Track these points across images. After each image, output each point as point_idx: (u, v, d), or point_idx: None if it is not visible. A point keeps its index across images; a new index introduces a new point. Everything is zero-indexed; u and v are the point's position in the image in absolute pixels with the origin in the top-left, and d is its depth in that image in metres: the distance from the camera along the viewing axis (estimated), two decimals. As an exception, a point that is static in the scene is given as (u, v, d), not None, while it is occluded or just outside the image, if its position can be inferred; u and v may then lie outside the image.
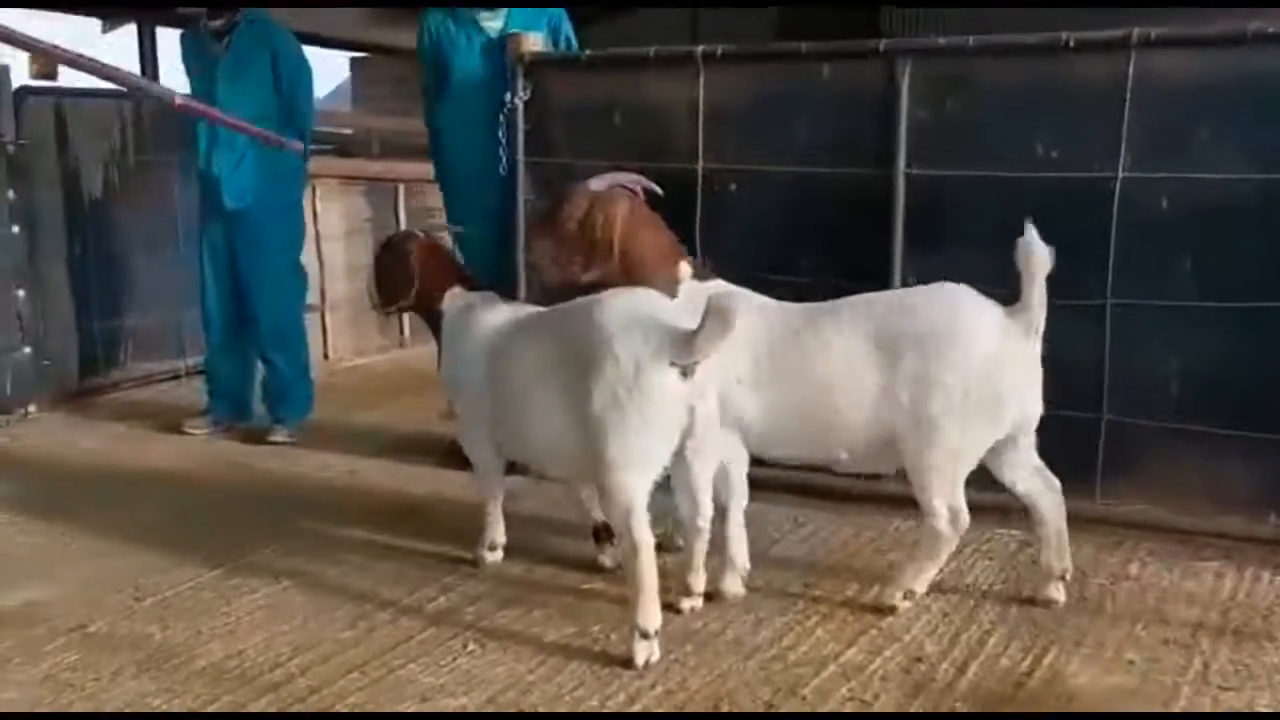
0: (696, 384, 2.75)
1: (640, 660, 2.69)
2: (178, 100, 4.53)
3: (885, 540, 3.63)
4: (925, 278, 3.68)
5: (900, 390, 2.92)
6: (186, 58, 5.01)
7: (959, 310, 2.96)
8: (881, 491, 3.92)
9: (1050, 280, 2.97)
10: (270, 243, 4.95)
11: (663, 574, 2.77)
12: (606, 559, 3.29)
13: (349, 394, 5.84)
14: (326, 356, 6.84)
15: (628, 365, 2.68)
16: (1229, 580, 3.28)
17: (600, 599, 3.10)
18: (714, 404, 2.85)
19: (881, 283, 3.76)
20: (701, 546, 2.98)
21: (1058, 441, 3.58)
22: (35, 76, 10.84)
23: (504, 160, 4.23)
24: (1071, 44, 3.48)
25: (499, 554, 3.39)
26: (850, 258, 3.85)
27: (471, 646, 2.81)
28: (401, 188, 7.78)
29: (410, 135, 7.84)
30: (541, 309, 3.32)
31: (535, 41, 4.20)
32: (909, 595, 3.03)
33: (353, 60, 11.45)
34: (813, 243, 3.93)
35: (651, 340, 2.69)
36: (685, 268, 3.22)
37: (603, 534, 3.28)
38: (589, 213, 3.20)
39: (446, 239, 3.75)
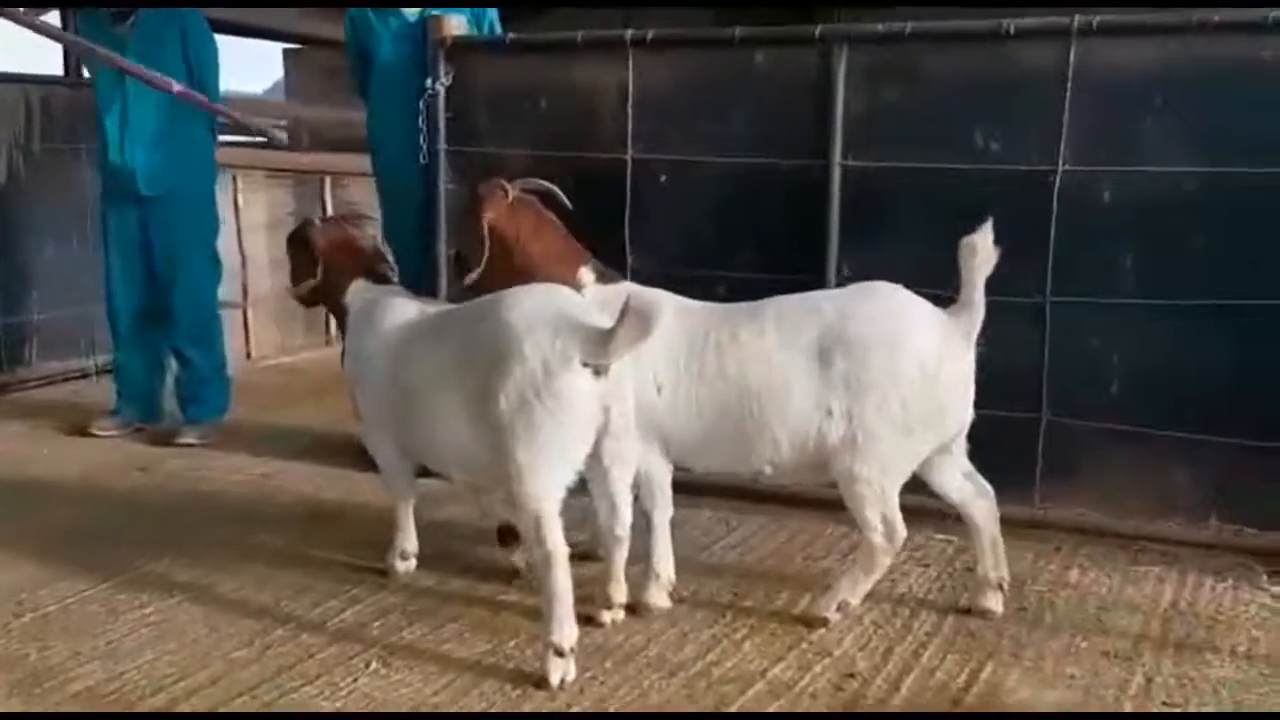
0: (611, 384, 2.59)
1: (555, 679, 2.51)
2: (176, 89, 4.31)
3: (819, 546, 3.49)
4: (861, 273, 3.57)
5: (831, 398, 2.76)
6: (87, 39, 4.75)
7: (895, 312, 2.81)
8: (817, 495, 3.76)
9: (988, 276, 2.85)
10: (186, 231, 4.72)
11: (581, 584, 2.60)
12: (517, 559, 3.13)
13: (269, 394, 5.60)
14: (249, 355, 6.58)
15: (535, 365, 2.52)
16: (1170, 587, 3.17)
17: (516, 611, 2.93)
18: (630, 406, 2.69)
19: (816, 278, 3.63)
20: (621, 556, 2.81)
21: (996, 443, 3.45)
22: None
23: (424, 149, 4.03)
24: (1012, 30, 3.36)
25: (411, 563, 3.20)
26: (784, 252, 3.72)
27: (375, 665, 2.62)
28: (328, 180, 7.54)
29: (341, 127, 7.63)
30: (450, 306, 3.17)
31: (458, 25, 4.01)
32: (842, 607, 2.89)
33: (285, 51, 11.15)
34: (746, 236, 3.79)
35: (561, 338, 2.54)
36: (586, 272, 3.05)
37: (509, 536, 3.12)
38: (468, 216, 3.12)
39: (361, 229, 3.53)
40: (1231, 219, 3.27)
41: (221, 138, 5.15)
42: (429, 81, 3.99)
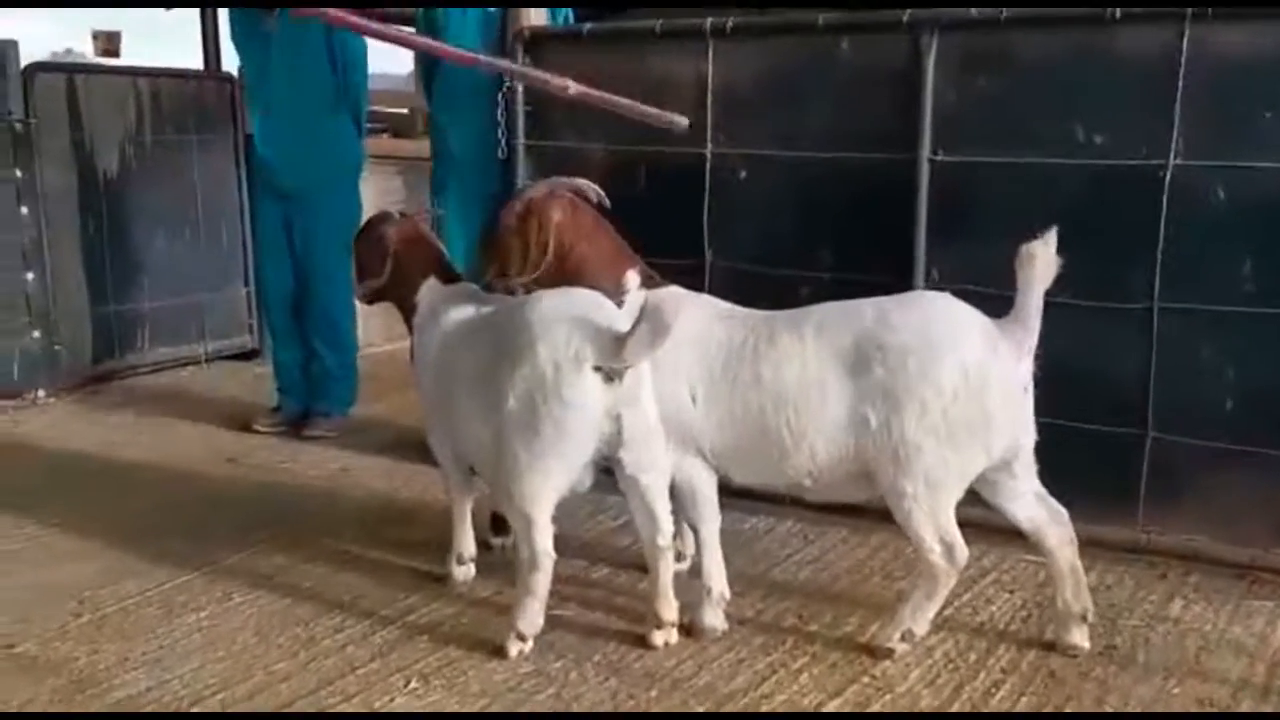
0: (625, 390, 2.52)
1: (513, 653, 2.65)
2: (572, 90, 3.83)
3: (900, 564, 3.30)
4: (951, 276, 3.39)
5: (867, 408, 2.60)
6: (236, 34, 4.81)
7: (936, 319, 2.63)
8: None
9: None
10: (326, 227, 4.69)
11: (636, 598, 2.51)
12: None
13: (367, 382, 5.61)
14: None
15: (545, 366, 2.50)
16: (1284, 625, 2.89)
17: (568, 629, 2.83)
18: (649, 411, 2.61)
19: (903, 280, 3.44)
20: (666, 569, 2.71)
21: (1095, 461, 3.25)
22: (99, 54, 10.87)
23: (502, 143, 3.95)
24: (1117, 15, 3.08)
25: (469, 569, 3.14)
26: (869, 253, 3.52)
27: (414, 684, 2.57)
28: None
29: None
30: (501, 302, 3.09)
31: (537, 15, 3.90)
32: (907, 637, 2.71)
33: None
34: (829, 235, 3.60)
35: (574, 341, 2.49)
36: (632, 276, 2.94)
37: (501, 523, 3.17)
38: (524, 219, 2.96)
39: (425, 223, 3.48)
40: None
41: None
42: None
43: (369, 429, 4.73)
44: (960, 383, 2.55)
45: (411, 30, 4.15)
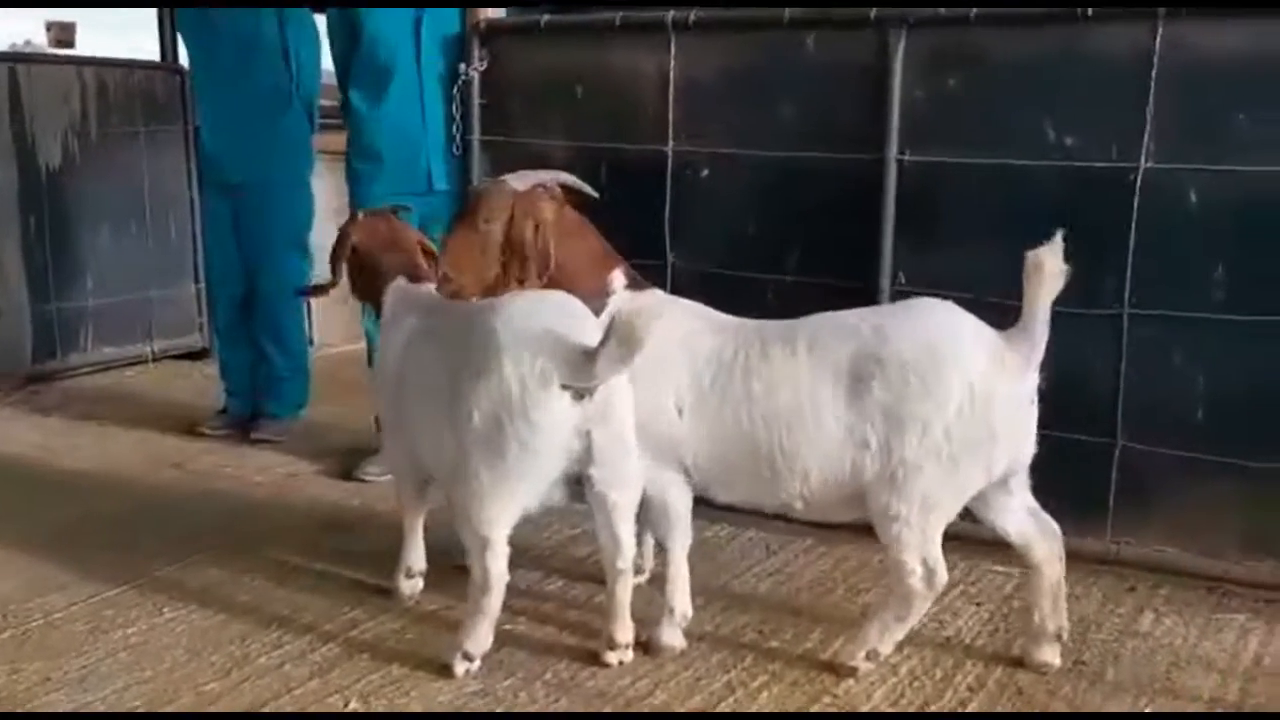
0: (595, 407, 2.38)
1: (459, 672, 2.53)
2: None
3: (864, 576, 3.20)
4: (918, 280, 3.31)
5: (866, 428, 2.46)
6: (183, 22, 4.67)
7: (938, 330, 2.48)
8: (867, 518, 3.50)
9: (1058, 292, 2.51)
10: (274, 223, 4.56)
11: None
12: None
13: (322, 384, 5.44)
14: (311, 342, 6.48)
15: (511, 384, 2.35)
16: (1255, 639, 2.82)
17: (518, 645, 2.70)
18: (623, 428, 2.47)
19: (869, 283, 3.35)
20: (624, 592, 2.58)
21: (1062, 470, 3.14)
22: (52, 45, 10.63)
23: (457, 139, 3.82)
24: (1089, 13, 3.00)
25: (417, 582, 3.01)
26: (835, 254, 3.43)
27: (354, 705, 2.43)
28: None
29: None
30: (462, 305, 2.95)
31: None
32: (871, 656, 2.60)
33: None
34: (794, 237, 3.50)
35: (541, 358, 2.34)
36: (618, 277, 2.78)
37: None
38: (514, 217, 2.76)
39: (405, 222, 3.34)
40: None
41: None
42: (463, 67, 3.79)
43: (320, 433, 4.58)
44: (964, 400, 2.41)
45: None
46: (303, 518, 3.64)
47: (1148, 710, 2.47)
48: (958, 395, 2.42)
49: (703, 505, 2.75)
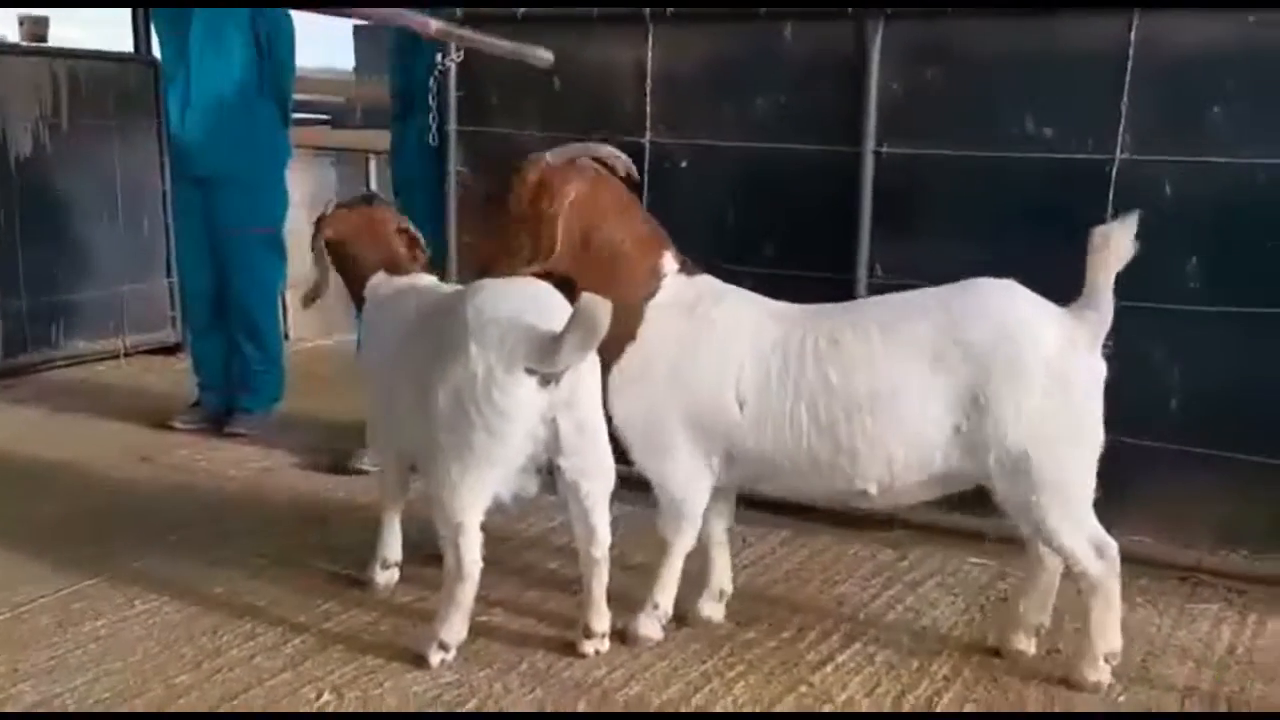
0: (562, 394, 2.37)
1: (435, 662, 2.52)
2: (433, 28, 3.53)
3: (840, 568, 3.20)
4: (895, 271, 3.30)
5: (954, 409, 2.40)
6: (158, 14, 4.61)
7: (1010, 313, 2.42)
8: (845, 509, 3.49)
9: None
10: (246, 215, 4.50)
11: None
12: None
13: (298, 379, 5.39)
14: (287, 336, 6.44)
15: (477, 368, 2.34)
16: (1229, 629, 2.84)
17: (493, 637, 2.69)
18: (591, 415, 2.46)
19: (846, 275, 3.34)
20: (600, 581, 2.57)
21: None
22: (25, 39, 10.53)
23: (434, 129, 3.80)
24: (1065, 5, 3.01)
25: (393, 574, 2.99)
26: (813, 246, 3.44)
27: (326, 697, 2.40)
28: (373, 159, 7.39)
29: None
30: (449, 293, 2.93)
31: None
32: (1110, 659, 2.49)
33: (356, 27, 11.04)
34: (771, 228, 3.51)
35: (507, 342, 2.33)
36: (669, 260, 2.66)
37: None
38: (538, 192, 2.63)
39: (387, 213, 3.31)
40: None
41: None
42: (439, 57, 3.76)
43: (296, 426, 4.54)
44: (1045, 379, 2.37)
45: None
46: (277, 511, 3.61)
47: (1121, 700, 2.47)
48: (1040, 375, 2.38)
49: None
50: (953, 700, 2.46)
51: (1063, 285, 2.49)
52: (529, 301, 2.43)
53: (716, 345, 2.53)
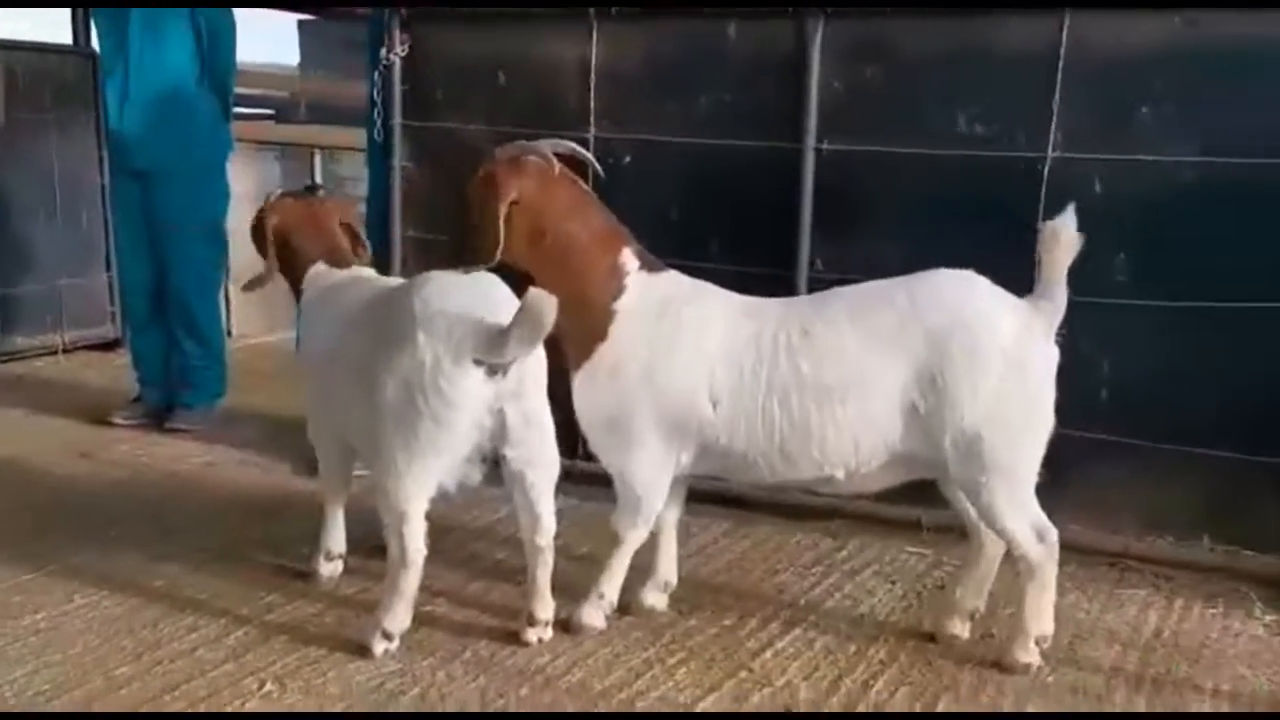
0: (509, 384, 2.40)
1: (378, 651, 2.53)
2: None
3: (781, 557, 3.26)
4: (833, 263, 3.36)
5: (915, 394, 2.48)
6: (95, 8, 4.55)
7: (969, 302, 2.51)
8: (786, 501, 3.56)
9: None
10: (185, 208, 4.45)
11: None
12: None
13: (240, 375, 5.35)
14: (230, 333, 6.38)
15: (425, 357, 2.36)
16: (1155, 613, 2.93)
17: (436, 626, 2.70)
18: (538, 406, 2.49)
19: (788, 270, 3.40)
20: (545, 569, 2.60)
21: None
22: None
23: (378, 123, 3.80)
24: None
25: (337, 565, 2.99)
26: (755, 242, 3.48)
27: (269, 687, 2.41)
28: (319, 154, 7.35)
29: (347, 99, 7.41)
30: (392, 285, 2.94)
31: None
32: (1040, 642, 2.58)
33: (301, 23, 10.96)
34: (714, 224, 3.55)
35: (455, 333, 2.36)
36: (630, 257, 2.69)
37: None
38: (484, 189, 2.64)
39: (326, 205, 3.31)
40: (1232, 214, 3.00)
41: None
42: (384, 51, 3.76)
43: (239, 422, 4.51)
44: (1002, 366, 2.45)
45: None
46: (219, 505, 3.59)
47: (1049, 680, 2.54)
48: (996, 362, 2.46)
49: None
50: (888, 682, 2.52)
51: (998, 279, 2.57)
52: (476, 294, 2.45)
53: (689, 346, 2.57)
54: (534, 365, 2.46)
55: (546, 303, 2.27)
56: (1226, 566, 3.12)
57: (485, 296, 2.46)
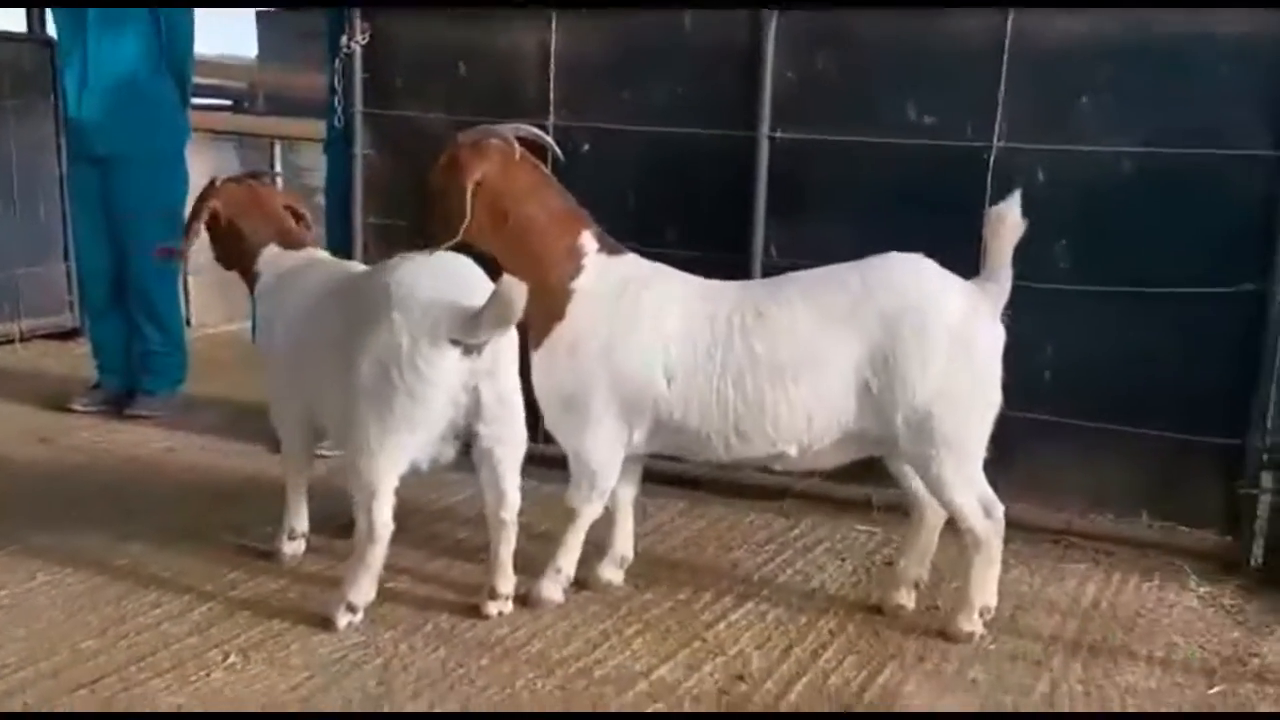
0: (483, 363, 2.47)
1: (341, 624, 2.58)
2: None
3: (735, 535, 3.34)
4: (787, 250, 3.44)
5: (866, 372, 2.57)
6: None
7: (917, 283, 2.61)
8: (741, 481, 3.65)
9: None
10: (144, 194, 4.46)
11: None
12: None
13: (199, 364, 5.36)
14: (189, 322, 6.38)
15: (401, 337, 2.42)
16: (1094, 585, 3.04)
17: (397, 600, 2.76)
18: (510, 385, 2.55)
19: (743, 256, 3.48)
20: (508, 544, 2.67)
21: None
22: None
23: (339, 111, 3.84)
24: (948, -3, 3.19)
25: (300, 544, 3.04)
26: (710, 228, 3.56)
27: (233, 659, 2.45)
28: (278, 144, 7.35)
29: (304, 90, 7.41)
30: (360, 268, 3.03)
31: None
32: (984, 613, 2.68)
33: (259, 15, 10.90)
34: (671, 211, 3.62)
35: (430, 314, 2.42)
36: (589, 239, 2.75)
37: None
38: (447, 171, 2.69)
39: (273, 189, 3.35)
40: (1170, 202, 3.12)
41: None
42: (344, 39, 3.80)
43: (199, 409, 4.54)
44: (950, 345, 2.54)
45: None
46: (182, 487, 3.63)
47: (991, 648, 2.64)
48: (944, 342, 2.55)
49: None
50: (837, 651, 2.61)
51: (946, 263, 2.67)
52: (450, 276, 2.51)
53: (647, 326, 2.64)
54: (507, 345, 2.52)
55: (517, 290, 2.33)
56: (1164, 542, 3.25)
57: (460, 278, 2.52)
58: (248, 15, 10.75)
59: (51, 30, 5.63)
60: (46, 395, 4.63)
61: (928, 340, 2.56)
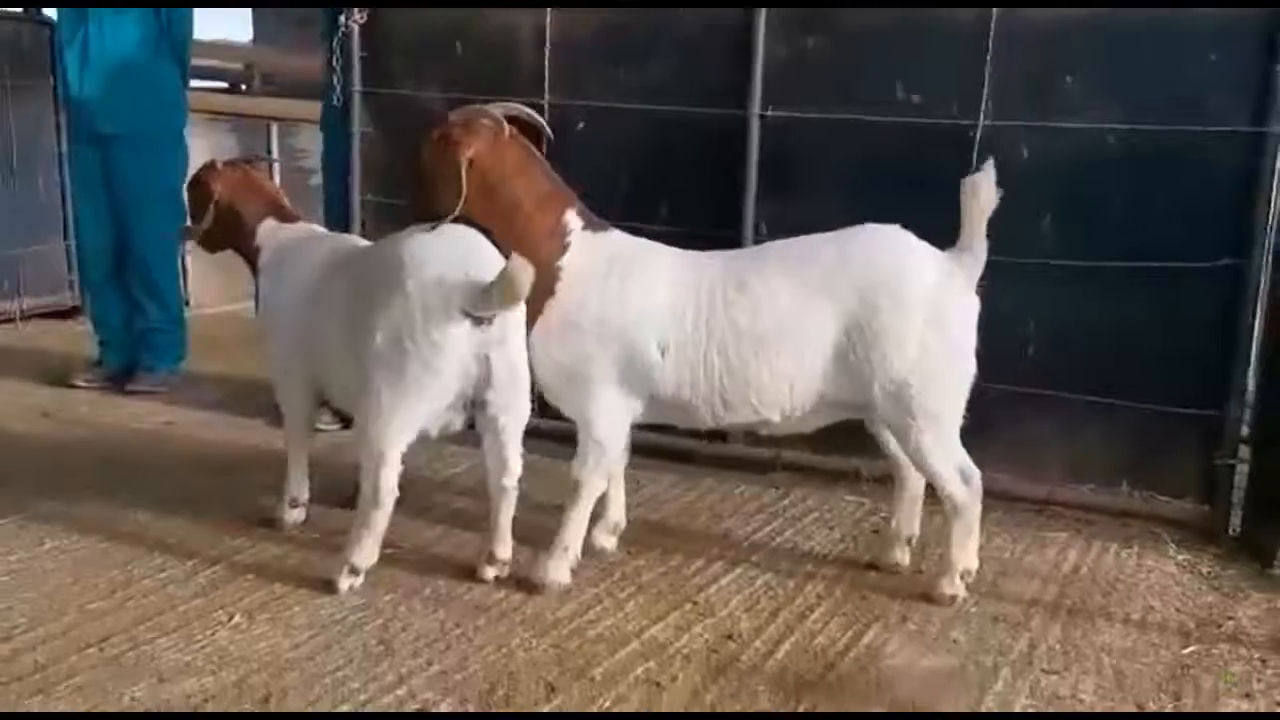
0: (494, 332, 2.54)
1: (344, 587, 2.66)
2: None
3: (726, 506, 3.42)
4: (777, 226, 3.50)
5: (844, 341, 2.64)
6: None
7: (894, 253, 2.67)
8: (729, 454, 3.73)
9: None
10: (146, 173, 4.54)
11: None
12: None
13: (198, 343, 5.44)
14: (188, 302, 6.44)
15: (415, 306, 2.49)
16: (1074, 553, 3.12)
17: (397, 566, 2.83)
18: (518, 353, 2.63)
19: (735, 233, 3.54)
20: (508, 510, 2.75)
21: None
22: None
23: (337, 90, 3.90)
24: (935, -22, 3.25)
25: (300, 512, 3.11)
26: (703, 206, 3.63)
27: (237, 619, 2.53)
28: (275, 126, 7.40)
29: (301, 73, 7.46)
30: (363, 242, 3.12)
31: None
32: (965, 576, 2.76)
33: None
34: (664, 189, 3.69)
35: (443, 285, 2.48)
36: (573, 217, 2.80)
37: None
38: (441, 149, 2.74)
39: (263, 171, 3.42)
40: (1151, 178, 3.19)
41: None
42: (342, 18, 3.86)
43: (200, 385, 4.62)
44: (926, 314, 2.61)
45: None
46: (184, 459, 3.69)
47: (973, 610, 2.72)
48: (921, 311, 2.62)
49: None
50: (823, 614, 2.68)
51: (932, 239, 2.74)
52: (461, 248, 2.57)
53: (637, 299, 2.70)
54: (516, 316, 2.59)
55: (523, 270, 2.39)
56: (1144, 511, 3.33)
57: (471, 250, 2.57)
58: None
59: (49, 10, 5.69)
60: (48, 372, 4.70)
61: (903, 310, 2.62)
